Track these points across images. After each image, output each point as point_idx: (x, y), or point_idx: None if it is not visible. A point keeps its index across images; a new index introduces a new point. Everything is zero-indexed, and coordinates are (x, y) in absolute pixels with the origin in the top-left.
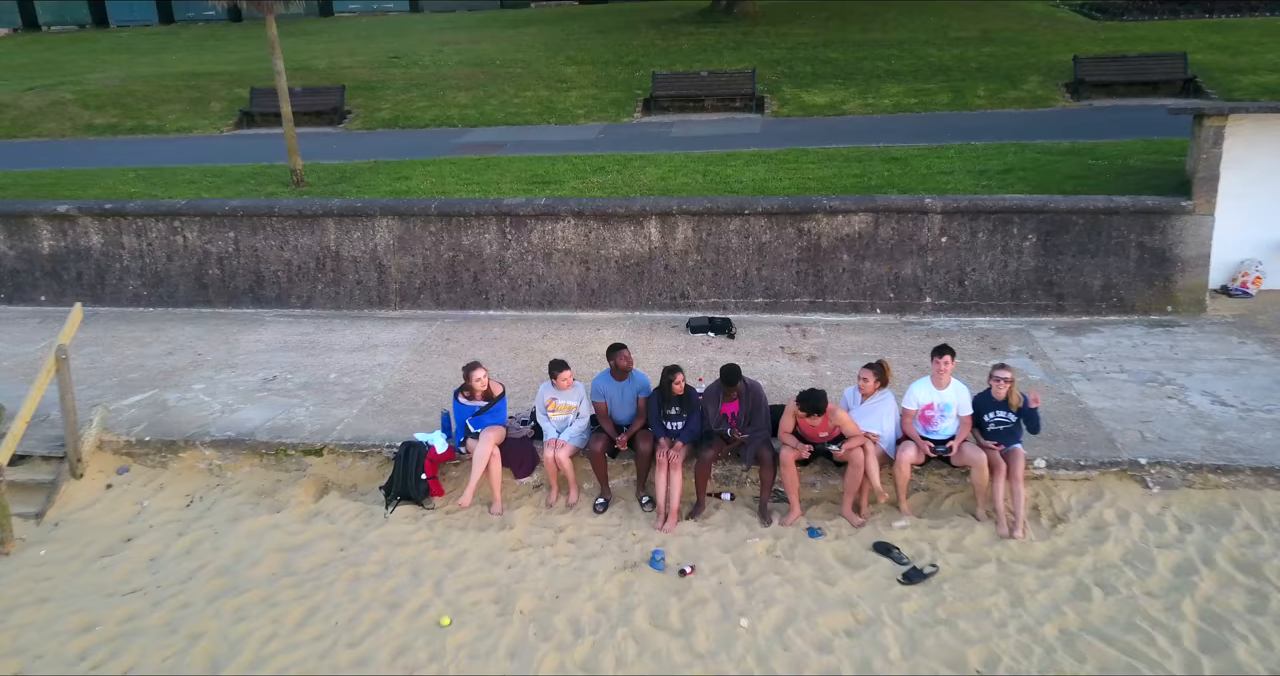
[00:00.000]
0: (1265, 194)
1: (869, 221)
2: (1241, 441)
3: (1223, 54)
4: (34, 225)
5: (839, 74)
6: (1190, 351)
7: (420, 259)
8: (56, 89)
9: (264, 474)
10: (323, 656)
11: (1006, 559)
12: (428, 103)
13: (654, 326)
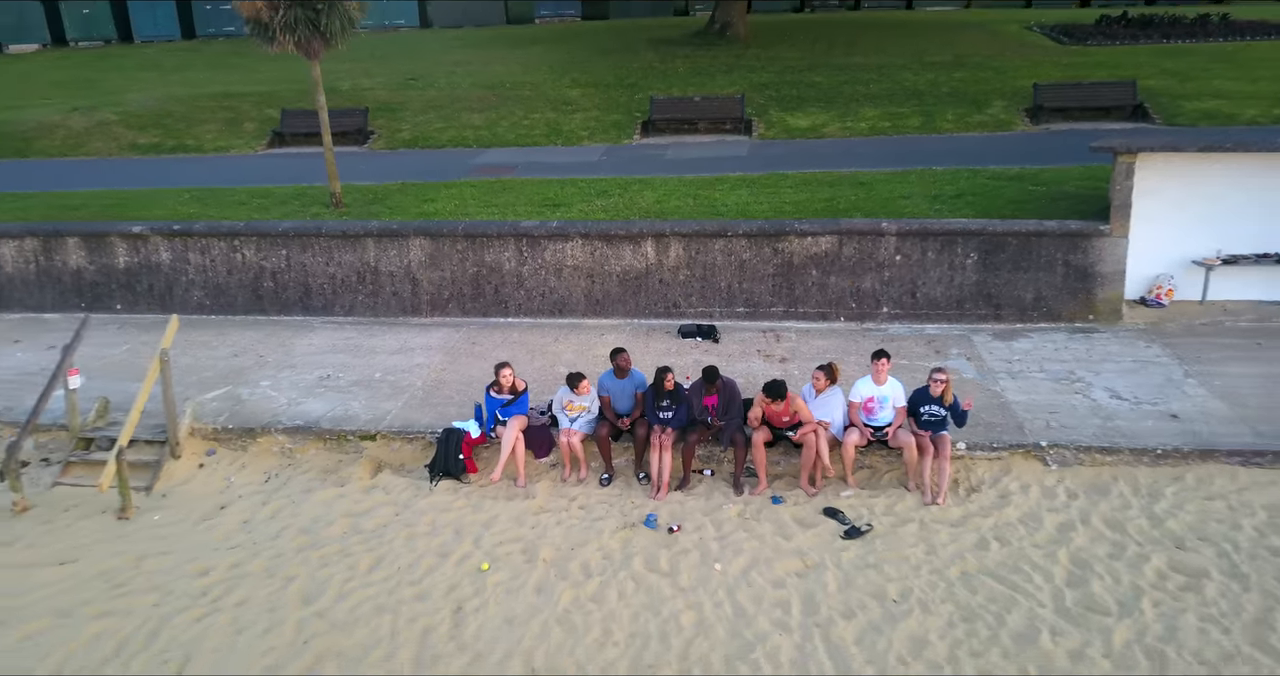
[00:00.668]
0: (1175, 219)
1: (834, 242)
2: (1127, 428)
3: (1172, 80)
4: (111, 243)
5: (821, 97)
6: (1102, 354)
7: (448, 273)
8: (100, 109)
9: (328, 455)
10: (390, 592)
11: (928, 520)
12: (444, 124)
13: (650, 332)
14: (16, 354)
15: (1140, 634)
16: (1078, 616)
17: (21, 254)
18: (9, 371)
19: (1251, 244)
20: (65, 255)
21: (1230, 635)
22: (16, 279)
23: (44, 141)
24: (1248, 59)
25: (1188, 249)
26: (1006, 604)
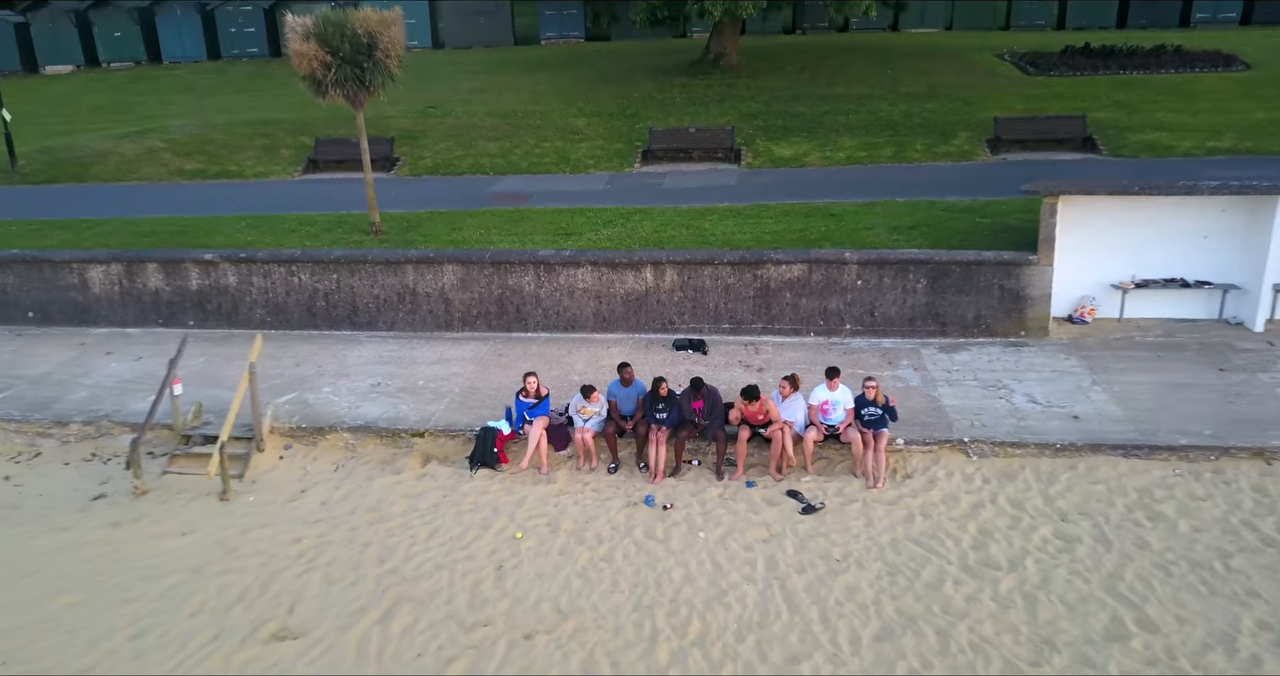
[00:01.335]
0: (1095, 248)
1: (805, 269)
2: (1036, 427)
3: (1121, 112)
4: (186, 268)
5: (804, 127)
6: (1027, 365)
7: (476, 294)
8: (148, 136)
9: (384, 449)
10: (445, 554)
11: (869, 500)
12: (463, 151)
13: (648, 345)
14: (111, 364)
15: (1021, 583)
16: (976, 571)
17: (108, 276)
18: (109, 379)
19: (1161, 270)
20: (145, 278)
21: (1090, 584)
22: (103, 298)
23: (99, 167)
24: (1193, 91)
25: (1107, 274)
26: (923, 562)
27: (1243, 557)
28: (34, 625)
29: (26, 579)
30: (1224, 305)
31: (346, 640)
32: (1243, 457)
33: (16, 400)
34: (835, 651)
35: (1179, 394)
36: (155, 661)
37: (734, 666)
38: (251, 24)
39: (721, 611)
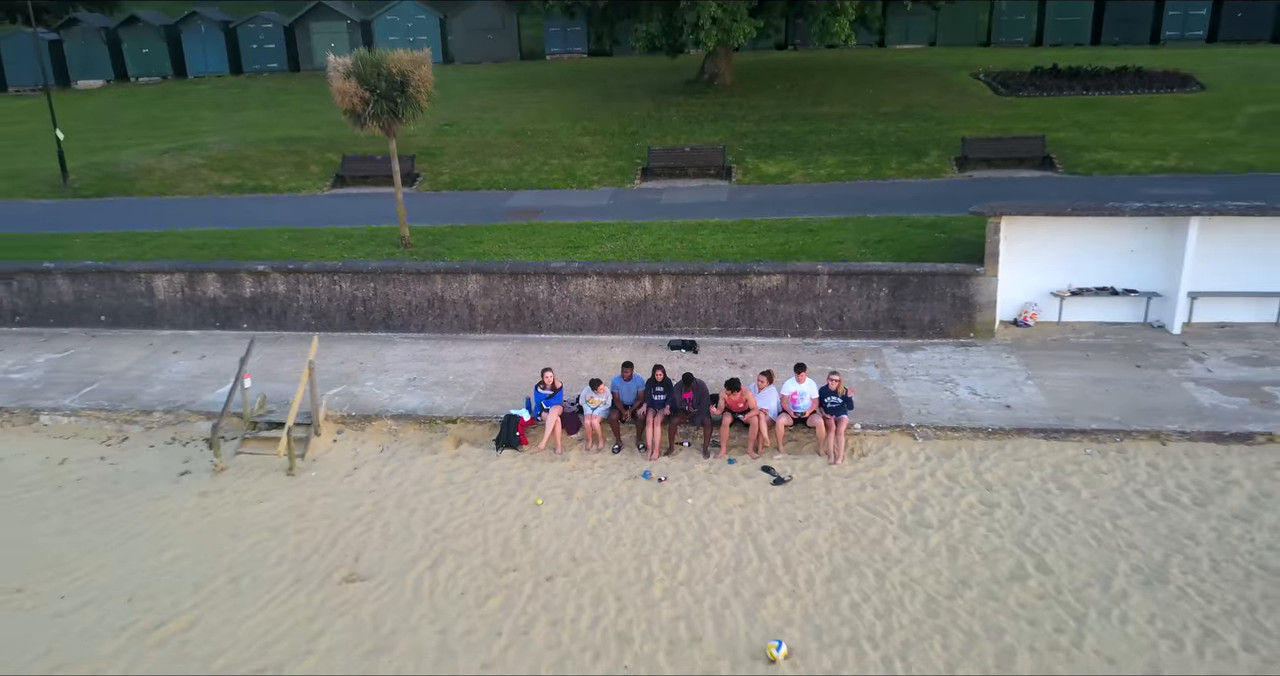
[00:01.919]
0: (1036, 261)
1: (783, 279)
2: (973, 414)
3: (1080, 131)
4: (240, 277)
5: (790, 146)
6: (973, 363)
7: (497, 300)
8: (187, 153)
9: (423, 434)
10: (480, 517)
11: (829, 474)
12: (478, 168)
13: (647, 345)
14: (179, 362)
15: (947, 538)
16: (912, 529)
17: (171, 285)
18: (180, 375)
19: (1093, 280)
20: (205, 286)
21: (1002, 538)
22: (167, 304)
23: (144, 182)
24: (1147, 112)
25: (1047, 283)
26: (869, 522)
27: (1129, 518)
28: (148, 572)
29: (136, 538)
30: (1148, 310)
31: (404, 582)
32: (1142, 439)
33: (103, 392)
34: (794, 588)
35: (1098, 386)
36: (252, 598)
37: (713, 600)
38: (272, 41)
39: (704, 559)
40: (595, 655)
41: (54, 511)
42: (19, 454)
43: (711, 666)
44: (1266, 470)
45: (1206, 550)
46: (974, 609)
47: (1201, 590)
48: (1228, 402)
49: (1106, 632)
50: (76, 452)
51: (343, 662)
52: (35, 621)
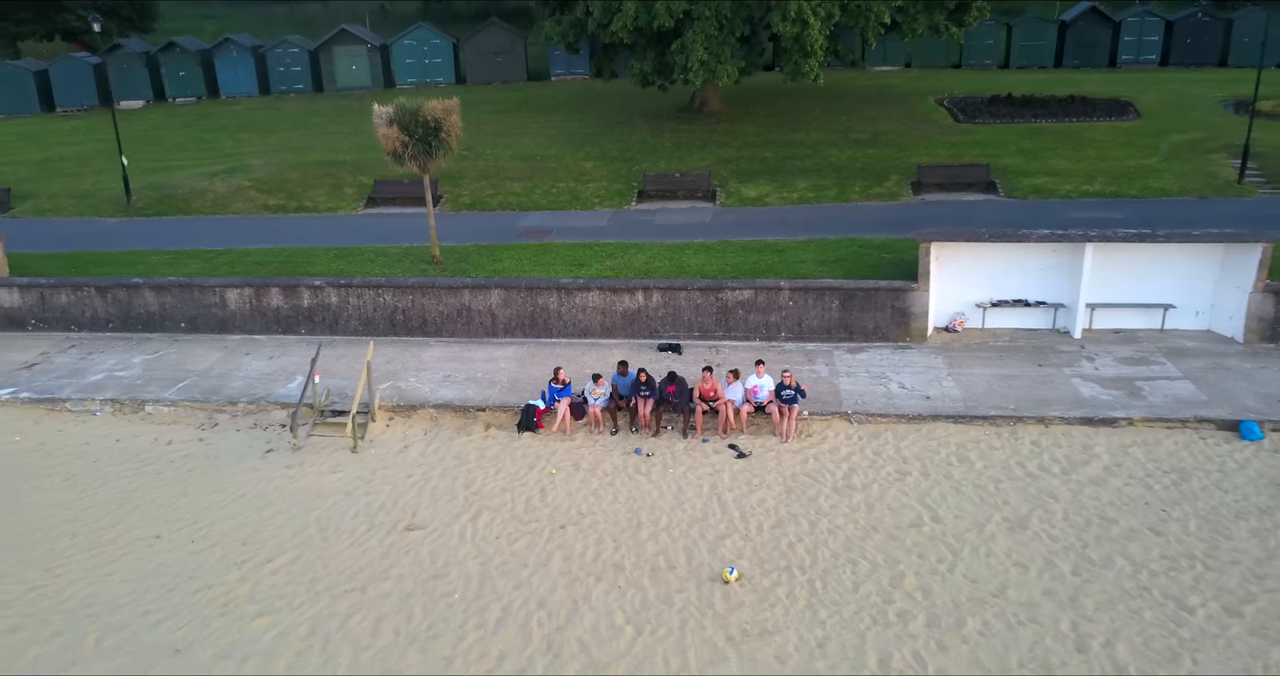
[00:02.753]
0: (963, 278)
1: (752, 293)
2: (900, 403)
3: (1023, 158)
4: (299, 290)
5: (768, 171)
6: (906, 363)
7: (515, 311)
8: (234, 175)
9: (458, 421)
10: (507, 483)
11: (781, 451)
12: (494, 191)
13: (639, 348)
14: (253, 362)
15: (866, 497)
16: (841, 491)
17: (241, 296)
18: (254, 373)
19: (1011, 293)
20: (270, 298)
21: (908, 497)
22: (238, 313)
23: (198, 202)
24: (1085, 139)
25: (973, 295)
26: (808, 486)
27: (1009, 483)
28: (254, 523)
29: (240, 499)
30: (1055, 319)
31: (451, 529)
32: (1030, 423)
33: (194, 387)
34: (746, 532)
35: (1004, 381)
36: (336, 541)
37: (685, 541)
38: (298, 64)
39: (680, 512)
40: (597, 579)
41: (172, 480)
42: (134, 436)
43: (682, 586)
44: (1123, 447)
45: (1062, 506)
46: (879, 546)
47: (1051, 534)
48: (1104, 394)
49: (974, 563)
50: (178, 436)
51: (410, 586)
52: (176, 558)
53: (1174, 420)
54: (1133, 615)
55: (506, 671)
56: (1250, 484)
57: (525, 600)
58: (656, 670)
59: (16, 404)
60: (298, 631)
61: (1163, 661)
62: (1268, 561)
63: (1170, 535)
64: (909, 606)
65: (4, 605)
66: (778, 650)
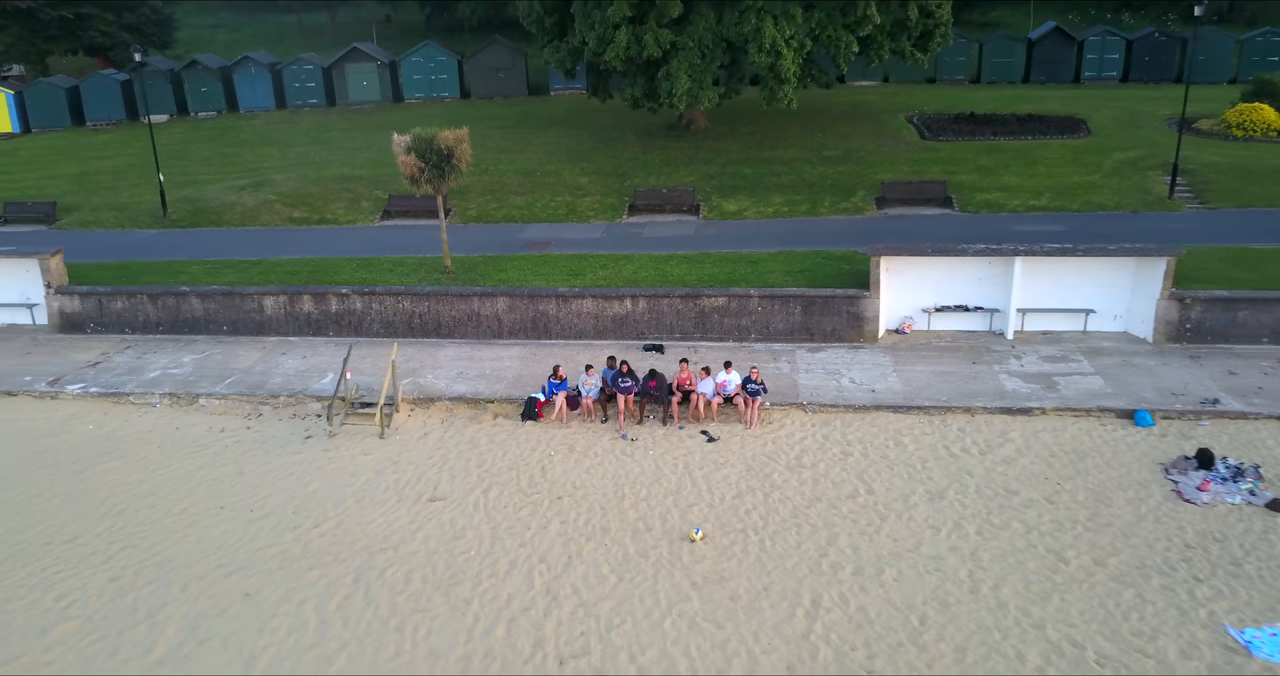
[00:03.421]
0: (911, 286)
1: (726, 299)
2: (849, 396)
3: (977, 174)
4: (328, 297)
5: (747, 187)
6: (857, 361)
7: (519, 316)
8: (261, 189)
9: (471, 411)
10: (514, 461)
11: (745, 436)
12: (498, 204)
13: (627, 347)
14: (289, 361)
15: (814, 474)
16: (793, 469)
17: (276, 303)
18: (291, 370)
19: (953, 299)
20: (302, 304)
21: (848, 473)
22: (273, 317)
23: (229, 215)
24: (1037, 157)
25: (920, 301)
26: (765, 464)
27: (934, 462)
28: (301, 497)
29: (287, 477)
30: (992, 322)
31: (467, 500)
32: (959, 412)
33: (238, 383)
34: (712, 501)
35: (941, 377)
36: (371, 511)
37: (660, 508)
38: (312, 80)
39: (657, 486)
40: (587, 539)
41: (228, 461)
42: (191, 425)
43: (656, 544)
44: (1034, 432)
45: (975, 481)
46: (821, 513)
47: (963, 503)
48: (1024, 387)
49: (897, 526)
50: (229, 425)
51: (434, 545)
52: (239, 525)
53: (1080, 409)
54: (1019, 565)
55: (514, 610)
56: (1135, 462)
57: (528, 555)
58: (634, 609)
59: (87, 398)
60: (344, 580)
61: (1037, 599)
62: (1136, 524)
63: (1061, 504)
64: (840, 559)
65: (104, 560)
66: (731, 592)
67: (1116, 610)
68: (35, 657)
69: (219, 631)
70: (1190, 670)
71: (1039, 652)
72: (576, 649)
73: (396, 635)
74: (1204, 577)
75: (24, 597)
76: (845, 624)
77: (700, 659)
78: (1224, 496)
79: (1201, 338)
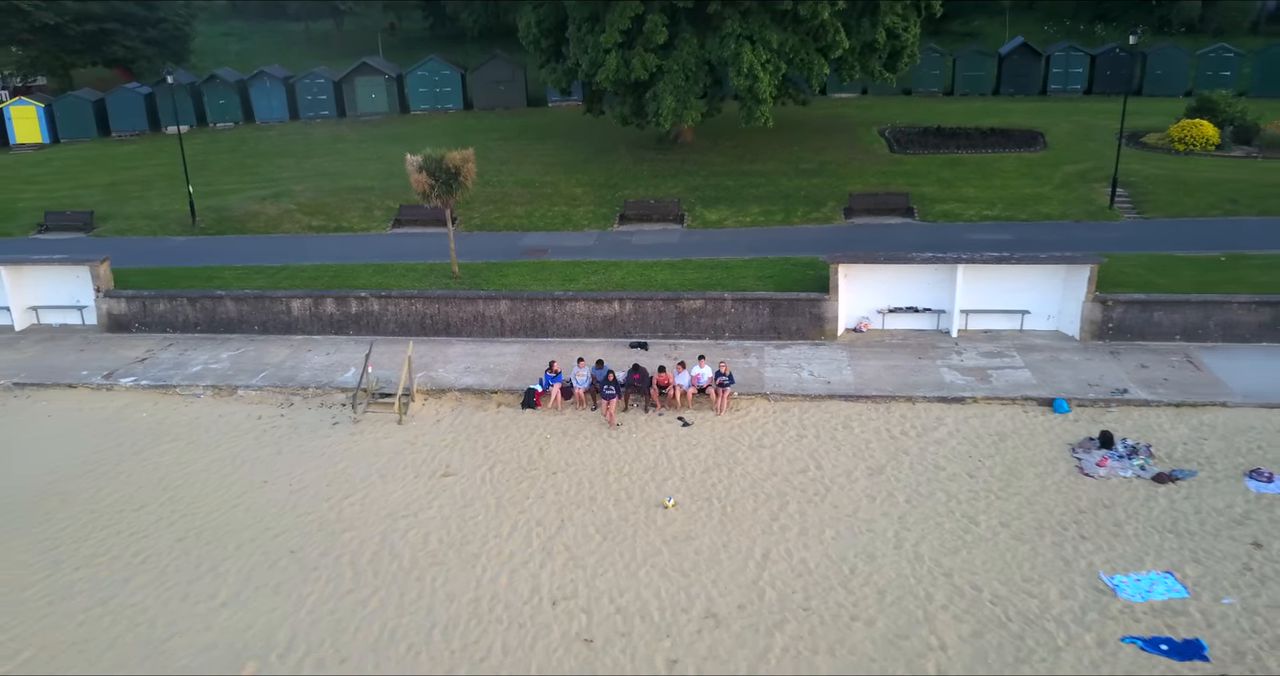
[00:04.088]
0: (866, 291)
1: (703, 302)
2: (807, 387)
3: (939, 186)
4: (349, 300)
5: (728, 198)
6: (817, 356)
7: (519, 316)
8: (281, 199)
9: (478, 401)
10: (515, 444)
11: (715, 422)
12: (500, 214)
13: (615, 346)
14: (315, 357)
15: (771, 454)
16: (754, 449)
17: (302, 305)
18: (319, 365)
19: (904, 301)
20: (325, 306)
21: (801, 452)
22: (300, 318)
23: (253, 223)
24: (994, 169)
25: (875, 303)
26: (731, 445)
27: (876, 443)
28: (333, 474)
29: (318, 457)
30: (938, 322)
31: (475, 476)
32: (902, 401)
33: (271, 376)
34: (683, 475)
35: (889, 371)
36: (393, 484)
37: (641, 482)
38: (324, 93)
39: (637, 463)
40: (577, 506)
41: (267, 443)
42: (231, 413)
43: (635, 510)
44: (965, 418)
45: (910, 459)
46: (775, 485)
47: (898, 477)
48: (961, 379)
49: (840, 495)
50: (265, 412)
51: (448, 512)
52: (281, 496)
53: (1007, 398)
54: (937, 526)
55: (515, 563)
56: (1048, 444)
57: (528, 520)
58: (615, 561)
59: (139, 389)
60: (373, 540)
61: (949, 553)
62: (1040, 493)
63: (979, 477)
64: (788, 522)
65: (169, 525)
66: (696, 548)
67: (1013, 561)
68: (123, 600)
69: (271, 580)
70: (1065, 607)
71: (944, 593)
72: (567, 593)
73: (418, 583)
74: (1089, 536)
75: (107, 554)
76: (789, 573)
77: (668, 600)
78: (1118, 471)
79: (1122, 335)
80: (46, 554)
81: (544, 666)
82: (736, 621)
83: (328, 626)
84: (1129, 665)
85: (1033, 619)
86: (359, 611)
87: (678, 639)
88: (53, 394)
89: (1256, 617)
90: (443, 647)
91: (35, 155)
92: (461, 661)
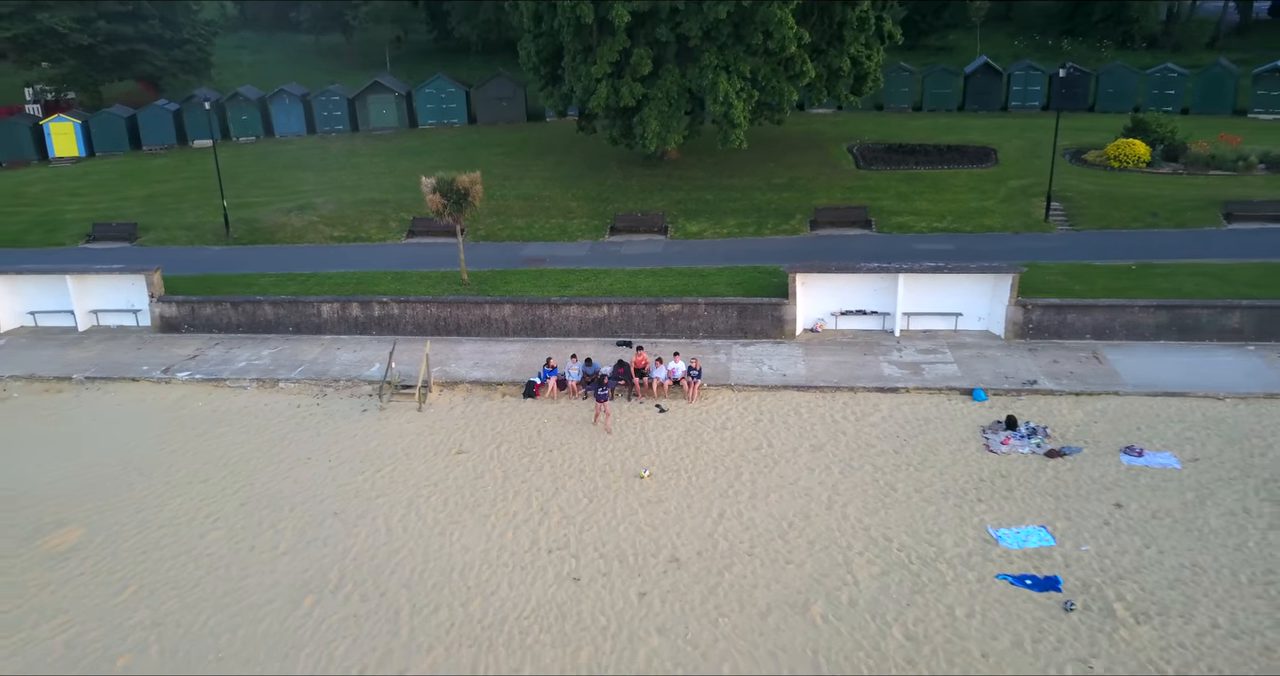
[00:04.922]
0: (821, 296)
1: (680, 306)
2: (767, 379)
3: (897, 200)
4: (372, 305)
5: (707, 211)
6: (777, 352)
7: (521, 319)
8: (305, 211)
9: (485, 391)
10: (518, 427)
11: (687, 408)
12: (502, 225)
13: (604, 344)
14: (343, 354)
15: (733, 434)
16: (720, 432)
17: (331, 309)
18: (347, 362)
19: (854, 304)
20: (351, 309)
21: (756, 433)
22: (329, 320)
23: (280, 234)
24: (946, 184)
25: (829, 306)
26: (699, 427)
27: (819, 426)
28: (366, 452)
29: (353, 438)
30: (884, 323)
31: (485, 452)
32: (845, 391)
33: (307, 370)
34: (658, 452)
35: (837, 365)
36: (416, 461)
37: (621, 459)
38: (339, 109)
39: (620, 442)
40: (570, 476)
41: (308, 427)
42: (275, 402)
43: (617, 479)
44: (898, 406)
45: (847, 438)
46: (733, 459)
47: (835, 453)
48: (898, 373)
49: (785, 467)
50: (303, 402)
51: (462, 482)
52: (322, 470)
53: (935, 389)
54: (862, 492)
55: (517, 521)
56: (963, 427)
57: (529, 487)
58: (599, 520)
59: (193, 382)
60: (401, 504)
61: (869, 513)
62: (951, 466)
63: (904, 453)
64: (740, 488)
65: (232, 493)
66: (665, 509)
67: (920, 519)
68: (200, 551)
69: (320, 535)
70: (956, 553)
71: (861, 543)
72: (560, 544)
73: (441, 538)
74: (984, 499)
75: (183, 516)
76: (738, 528)
77: (641, 548)
78: (1019, 448)
79: (1040, 335)
80: (135, 516)
81: (542, 598)
82: (695, 564)
83: (368, 569)
84: (999, 595)
85: (929, 562)
86: (393, 558)
87: (647, 577)
88: (119, 386)
89: (1105, 560)
90: (460, 585)
91: (74, 169)
92: (476, 595)
